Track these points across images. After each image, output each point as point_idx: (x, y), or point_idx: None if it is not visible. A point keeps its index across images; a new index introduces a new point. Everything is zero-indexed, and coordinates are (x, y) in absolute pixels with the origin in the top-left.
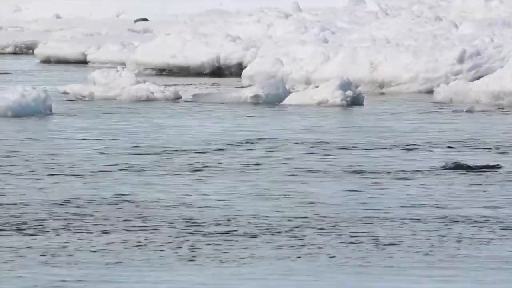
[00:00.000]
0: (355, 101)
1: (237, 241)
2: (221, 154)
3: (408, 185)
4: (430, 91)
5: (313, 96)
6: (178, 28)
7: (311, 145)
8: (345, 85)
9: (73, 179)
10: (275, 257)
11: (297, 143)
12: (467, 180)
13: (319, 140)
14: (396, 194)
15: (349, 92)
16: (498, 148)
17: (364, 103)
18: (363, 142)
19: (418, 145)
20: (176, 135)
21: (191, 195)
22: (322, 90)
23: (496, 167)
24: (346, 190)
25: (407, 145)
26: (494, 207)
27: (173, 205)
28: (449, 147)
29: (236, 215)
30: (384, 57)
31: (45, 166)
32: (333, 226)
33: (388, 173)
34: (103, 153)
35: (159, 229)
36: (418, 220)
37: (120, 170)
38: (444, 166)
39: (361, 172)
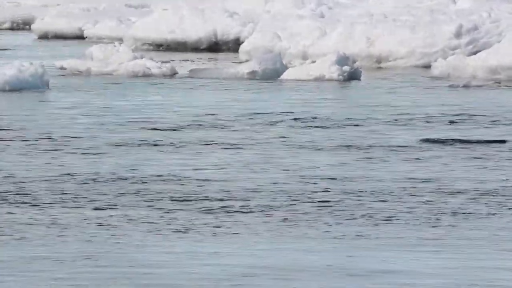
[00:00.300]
0: (353, 76)
1: (231, 214)
2: (217, 129)
3: (403, 159)
4: (428, 66)
5: (310, 71)
6: (175, 3)
7: (307, 120)
8: (342, 60)
9: (69, 154)
10: (268, 230)
11: (293, 117)
12: (461, 154)
13: (314, 115)
14: (389, 168)
15: (346, 67)
16: (492, 122)
17: (361, 78)
18: (359, 117)
19: (414, 119)
20: (172, 111)
21: (187, 170)
22: (319, 65)
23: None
24: (341, 164)
25: (402, 119)
26: (487, 181)
27: (170, 180)
28: (450, 121)
29: (231, 189)
30: (381, 32)
31: (41, 141)
32: (327, 200)
33: (382, 147)
34: (100, 128)
35: (155, 203)
36: (411, 194)
37: (116, 145)
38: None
39: (357, 146)
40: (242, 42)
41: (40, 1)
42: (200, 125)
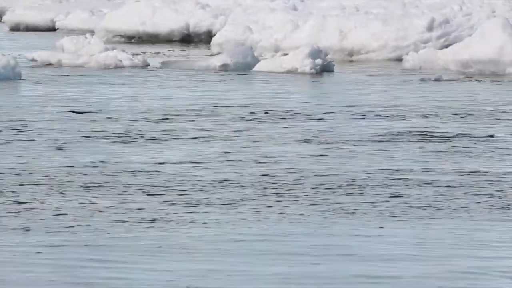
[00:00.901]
0: (325, 69)
1: (199, 206)
2: (187, 121)
3: (371, 152)
4: (400, 59)
5: (283, 64)
6: None
7: (277, 112)
8: (315, 53)
9: (39, 145)
10: (232, 222)
11: (263, 110)
12: (428, 146)
13: (285, 107)
14: (358, 160)
15: (318, 60)
16: (460, 116)
17: (334, 71)
18: (328, 109)
19: (383, 112)
20: (143, 103)
21: (155, 163)
22: (292, 58)
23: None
24: (309, 156)
25: (371, 112)
26: (452, 174)
27: (138, 172)
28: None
29: (199, 182)
30: (353, 25)
31: (12, 132)
32: (295, 192)
33: (349, 140)
34: (70, 119)
35: (123, 195)
36: (379, 185)
37: (86, 136)
38: None
39: (325, 139)
40: (214, 35)
41: None
42: (170, 117)
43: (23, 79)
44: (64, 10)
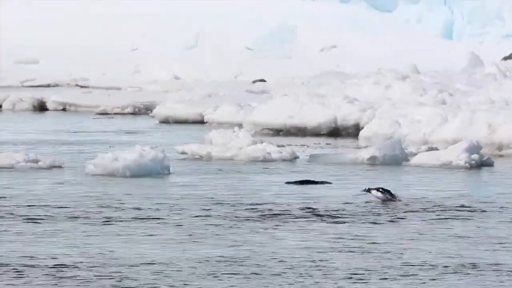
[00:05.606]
0: (483, 164)
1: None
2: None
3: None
4: None
5: (439, 157)
6: (295, 89)
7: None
8: (473, 148)
9: (183, 236)
10: None
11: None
12: None
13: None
14: None
15: (475, 155)
16: None
17: (493, 165)
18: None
19: None
20: (288, 195)
21: (299, 248)
22: (449, 152)
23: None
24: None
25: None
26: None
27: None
28: None
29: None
30: (503, 119)
31: (162, 225)
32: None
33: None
34: (217, 212)
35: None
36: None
37: (225, 229)
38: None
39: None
40: (362, 128)
41: (161, 87)
42: (310, 210)
43: (171, 172)
44: (212, 104)
